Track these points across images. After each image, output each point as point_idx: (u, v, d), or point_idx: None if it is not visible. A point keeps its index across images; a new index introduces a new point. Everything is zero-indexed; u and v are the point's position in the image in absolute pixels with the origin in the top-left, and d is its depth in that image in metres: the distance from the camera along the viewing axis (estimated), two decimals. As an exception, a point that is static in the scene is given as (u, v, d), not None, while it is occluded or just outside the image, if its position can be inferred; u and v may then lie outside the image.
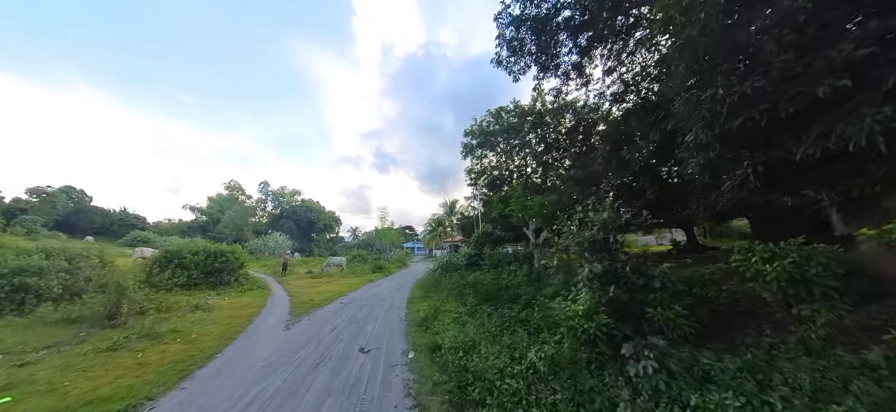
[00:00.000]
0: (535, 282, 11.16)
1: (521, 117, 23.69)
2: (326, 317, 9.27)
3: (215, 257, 16.57)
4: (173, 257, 15.01)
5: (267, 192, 65.50)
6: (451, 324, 7.95)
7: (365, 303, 11.68)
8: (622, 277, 6.59)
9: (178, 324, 8.44)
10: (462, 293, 11.27)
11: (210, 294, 14.15)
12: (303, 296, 13.28)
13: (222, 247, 17.74)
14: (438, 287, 15.03)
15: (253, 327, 8.26)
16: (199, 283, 15.38)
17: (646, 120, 11.54)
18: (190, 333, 7.59)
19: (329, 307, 10.93)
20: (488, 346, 6.06)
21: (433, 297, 12.34)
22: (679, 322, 5.46)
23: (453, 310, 9.42)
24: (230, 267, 16.92)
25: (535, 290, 9.69)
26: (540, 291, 9.64)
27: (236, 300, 12.66)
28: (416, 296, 13.08)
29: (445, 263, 19.79)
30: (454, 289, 12.97)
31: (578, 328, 5.33)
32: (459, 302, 10.40)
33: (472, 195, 35.77)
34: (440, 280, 17.15)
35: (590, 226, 7.52)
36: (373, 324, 8.37)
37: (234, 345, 6.73)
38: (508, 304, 8.79)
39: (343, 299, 12.65)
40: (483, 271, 16.07)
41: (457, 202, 57.53)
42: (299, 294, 14.04)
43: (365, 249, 39.10)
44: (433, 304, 10.56)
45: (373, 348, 6.37)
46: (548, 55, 14.70)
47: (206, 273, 16.03)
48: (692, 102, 6.30)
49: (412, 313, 9.74)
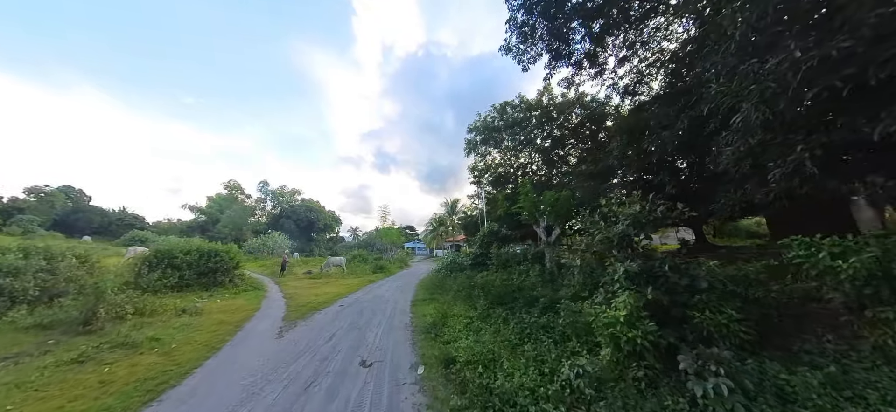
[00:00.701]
0: (550, 283, 10.35)
1: (527, 111, 22.88)
2: (324, 323, 8.44)
3: (209, 257, 15.75)
4: (164, 257, 14.19)
5: (266, 191, 64.76)
6: (463, 331, 7.12)
7: (366, 306, 10.85)
8: (660, 277, 5.79)
9: (160, 330, 7.62)
10: (471, 295, 10.45)
11: (202, 296, 13.33)
12: (300, 299, 12.46)
13: (217, 246, 16.92)
14: (443, 288, 14.21)
15: (242, 334, 7.43)
16: (192, 285, 14.57)
17: (671, 107, 10.70)
18: (170, 342, 6.76)
19: (327, 310, 10.11)
20: (511, 359, 5.22)
21: (439, 299, 11.51)
22: (734, 328, 4.66)
23: (463, 314, 8.60)
24: (224, 267, 16.10)
25: (552, 292, 8.87)
26: (557, 293, 8.85)
27: (229, 303, 11.84)
28: (420, 297, 12.25)
29: (449, 263, 18.96)
30: (461, 290, 12.16)
31: (621, 337, 4.50)
32: (469, 305, 9.57)
33: (476, 193, 35.04)
34: (445, 280, 16.34)
35: (618, 221, 6.73)
36: (375, 331, 7.54)
37: (218, 357, 5.90)
38: (525, 308, 7.97)
39: (343, 301, 11.82)
40: (490, 271, 15.24)
41: (458, 201, 56.77)
42: (296, 296, 13.22)
43: (365, 249, 38.28)
44: (440, 308, 9.74)
45: (375, 361, 5.53)
46: (560, 42, 13.88)
47: (200, 274, 15.22)
48: (747, 75, 5.44)
49: (418, 317, 8.91)
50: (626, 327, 4.61)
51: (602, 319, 5.03)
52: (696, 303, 5.19)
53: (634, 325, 4.59)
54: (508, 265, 14.61)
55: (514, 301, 8.62)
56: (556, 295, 8.32)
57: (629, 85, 15.47)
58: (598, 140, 20.86)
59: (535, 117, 23.25)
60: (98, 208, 56.76)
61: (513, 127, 24.67)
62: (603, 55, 14.90)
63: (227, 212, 56.59)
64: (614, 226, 6.78)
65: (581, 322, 6.09)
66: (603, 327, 4.96)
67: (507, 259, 14.99)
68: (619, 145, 13.25)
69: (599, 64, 14.82)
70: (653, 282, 5.52)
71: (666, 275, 5.71)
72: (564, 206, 13.43)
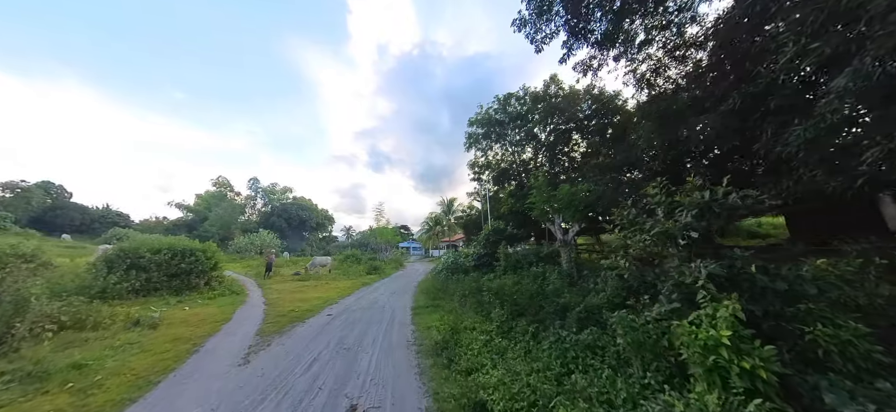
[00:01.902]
0: (570, 288, 8.86)
1: (534, 102, 21.38)
2: (306, 340, 6.80)
3: (182, 257, 14.01)
4: (126, 256, 12.42)
5: (257, 188, 62.65)
6: (484, 352, 5.55)
7: (359, 315, 9.23)
8: (745, 280, 4.26)
9: (93, 351, 5.94)
10: (481, 303, 8.89)
11: (169, 302, 11.62)
12: (282, 305, 10.79)
13: (192, 244, 15.16)
14: (446, 292, 12.65)
15: (196, 359, 5.77)
16: (161, 288, 12.85)
17: (718, 85, 9.25)
18: (96, 371, 5.10)
19: (312, 322, 8.46)
20: (567, 404, 3.66)
21: (443, 306, 9.94)
22: (864, 348, 3.25)
23: (478, 327, 7.03)
24: (200, 268, 14.37)
25: (580, 298, 7.36)
26: (586, 299, 7.34)
27: (198, 311, 10.14)
28: (421, 304, 10.65)
29: (450, 264, 17.38)
30: (468, 295, 10.61)
31: (730, 368, 3.04)
32: (482, 315, 8.01)
33: (475, 191, 33.46)
34: (446, 284, 14.79)
35: (680, 212, 5.25)
36: (369, 353, 5.93)
37: (148, 400, 4.25)
38: (557, 320, 6.44)
39: (332, 309, 10.18)
40: (499, 274, 13.71)
41: (455, 200, 55.32)
42: (279, 302, 11.54)
43: (359, 249, 36.58)
44: (447, 318, 8.16)
45: (370, 408, 3.92)
46: (579, 17, 12.38)
47: (170, 276, 13.49)
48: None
49: (422, 331, 7.32)
50: (734, 354, 3.16)
51: (695, 342, 3.52)
52: (797, 315, 3.78)
53: (743, 351, 3.15)
54: (519, 267, 13.08)
55: (538, 311, 7.06)
56: (589, 302, 6.79)
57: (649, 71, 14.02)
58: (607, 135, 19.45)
59: (540, 109, 21.75)
60: (79, 205, 54.26)
61: (517, 120, 23.15)
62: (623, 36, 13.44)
63: (216, 210, 54.42)
64: (674, 218, 5.33)
65: (647, 342, 4.57)
66: (698, 354, 3.46)
67: (518, 260, 13.45)
68: (644, 133, 11.76)
69: (621, 44, 13.33)
70: (736, 288, 4.11)
71: (752, 279, 4.20)
72: (583, 202, 11.96)
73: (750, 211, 5.14)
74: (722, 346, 3.27)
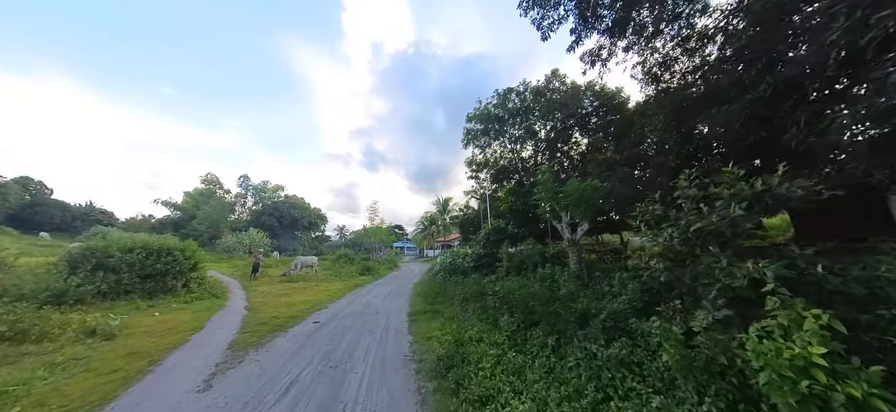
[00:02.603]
0: (583, 289, 8.04)
1: (536, 96, 20.56)
2: (286, 354, 5.82)
3: (158, 256, 12.89)
4: (93, 255, 11.28)
5: (247, 186, 61.07)
6: (497, 371, 4.63)
7: (349, 322, 8.25)
8: (810, 283, 3.64)
9: (25, 371, 4.91)
10: (486, 308, 7.99)
11: (140, 306, 10.54)
12: (265, 311, 9.78)
13: (169, 242, 14.04)
14: (445, 295, 11.73)
15: (149, 381, 4.76)
16: (132, 291, 11.72)
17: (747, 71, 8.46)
18: (17, 399, 4.08)
19: (295, 331, 7.46)
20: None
21: (443, 312, 9.01)
22: None
23: (486, 338, 6.11)
24: (178, 269, 13.26)
25: (597, 303, 6.51)
26: (604, 304, 6.51)
27: (169, 317, 9.08)
28: (418, 309, 9.69)
29: (448, 265, 16.45)
30: (469, 299, 9.73)
31: (832, 397, 2.19)
32: (488, 323, 7.09)
33: (472, 189, 32.52)
34: (444, 286, 13.90)
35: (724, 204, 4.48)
36: (360, 371, 4.97)
37: (68, 442, 3.27)
38: (579, 330, 5.56)
39: (320, 315, 9.19)
40: (501, 276, 12.82)
41: (450, 200, 54.36)
42: (261, 306, 10.51)
43: (352, 249, 35.47)
44: (448, 326, 7.24)
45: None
46: (589, 2, 11.56)
47: (144, 277, 12.37)
48: None
49: (421, 342, 6.38)
50: (831, 377, 2.34)
51: (777, 362, 2.68)
52: (875, 323, 3.19)
53: (838, 372, 2.34)
54: (523, 268, 12.21)
55: (555, 319, 6.16)
56: (612, 308, 5.94)
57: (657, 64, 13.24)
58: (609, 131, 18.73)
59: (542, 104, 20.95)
60: (59, 202, 52.29)
61: (516, 115, 22.30)
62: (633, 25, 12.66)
63: (204, 208, 52.80)
64: (715, 211, 4.57)
65: (699, 359, 3.72)
66: (784, 378, 2.62)
67: (522, 260, 12.57)
68: (661, 125, 10.94)
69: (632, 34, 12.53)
70: (797, 292, 3.27)
71: (819, 281, 3.59)
72: (592, 198, 11.13)
73: (802, 202, 4.32)
74: (815, 367, 2.44)
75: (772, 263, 3.54)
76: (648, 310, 5.47)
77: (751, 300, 3.73)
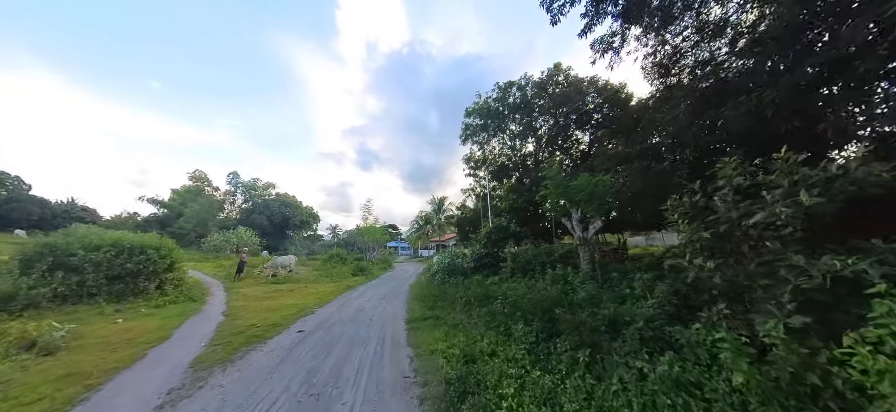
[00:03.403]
0: (598, 292, 7.16)
1: (541, 88, 19.68)
2: (260, 375, 4.78)
3: (129, 255, 11.71)
4: (51, 253, 10.07)
5: (236, 183, 59.41)
6: (523, 398, 3.66)
7: (339, 331, 7.22)
8: None
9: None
10: (494, 314, 7.04)
11: (105, 311, 9.41)
12: (244, 316, 8.69)
13: (144, 239, 12.85)
14: (445, 299, 10.74)
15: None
16: (98, 293, 10.56)
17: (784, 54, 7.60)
18: None
19: (276, 343, 6.41)
20: None
21: (445, 319, 8.00)
22: None
23: (501, 351, 5.14)
24: (152, 269, 12.09)
25: (621, 307, 5.64)
26: (627, 307, 5.68)
27: (133, 325, 7.96)
28: (416, 315, 8.67)
29: (447, 266, 15.46)
30: (473, 304, 8.78)
31: None
32: (499, 332, 6.12)
33: (470, 187, 31.55)
34: (443, 288, 12.92)
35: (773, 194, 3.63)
36: (349, 402, 3.95)
37: None
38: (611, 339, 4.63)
39: (306, 322, 8.14)
40: (505, 277, 11.87)
41: (445, 199, 53.43)
42: (241, 311, 9.43)
43: (345, 249, 34.29)
44: (454, 336, 6.26)
45: None
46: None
47: (112, 278, 11.19)
48: None
49: (424, 359, 5.37)
50: None
51: None
52: None
53: None
54: (530, 269, 11.27)
55: (581, 328, 5.20)
56: (644, 314, 5.05)
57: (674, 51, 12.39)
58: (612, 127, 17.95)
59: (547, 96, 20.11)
60: (38, 198, 50.19)
61: (517, 110, 21.42)
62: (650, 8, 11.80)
63: (192, 206, 51.08)
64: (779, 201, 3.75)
65: (782, 379, 2.83)
66: None
67: (529, 260, 11.62)
68: (679, 116, 10.07)
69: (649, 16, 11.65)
70: None
71: None
72: (605, 193, 10.26)
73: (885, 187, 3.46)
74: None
75: (865, 260, 2.74)
76: (680, 316, 4.92)
77: (826, 304, 2.92)
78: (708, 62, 11.06)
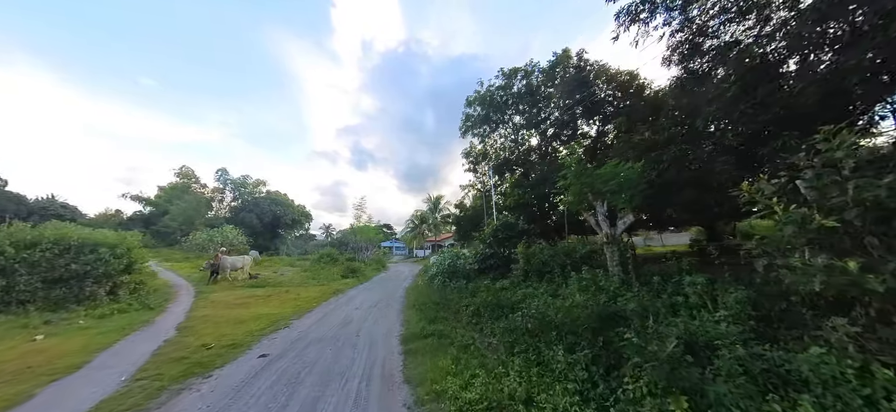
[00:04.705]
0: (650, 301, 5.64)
1: (552, 68, 18.11)
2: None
3: (75, 254, 9.94)
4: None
5: (225, 180, 57.27)
6: None
7: (314, 355, 5.54)
8: None
9: None
10: (515, 331, 5.43)
11: (31, 323, 7.65)
12: (202, 331, 6.98)
13: (97, 236, 11.08)
14: (447, 308, 9.13)
15: None
16: (30, 300, 8.83)
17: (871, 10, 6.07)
18: None
19: (224, 375, 4.72)
20: None
21: (451, 336, 6.33)
22: None
23: (541, 398, 3.50)
24: (104, 270, 10.31)
25: (686, 321, 4.06)
26: (692, 320, 4.12)
27: (50, 345, 6.22)
28: (414, 330, 6.96)
29: (447, 268, 13.81)
30: (484, 315, 7.21)
31: None
32: (530, 359, 4.49)
33: (470, 183, 29.88)
34: (444, 293, 11.32)
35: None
36: None
37: None
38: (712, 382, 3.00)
39: (274, 341, 6.44)
40: (517, 281, 10.26)
41: (442, 198, 51.75)
42: (200, 325, 7.71)
43: (337, 249, 32.52)
44: (465, 363, 4.63)
45: None
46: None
47: (53, 281, 9.44)
48: None
49: (431, 406, 3.72)
50: None
51: None
52: None
53: None
54: (547, 271, 9.65)
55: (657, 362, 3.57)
56: (735, 335, 3.51)
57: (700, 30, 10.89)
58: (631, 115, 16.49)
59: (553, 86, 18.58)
60: (14, 194, 47.68)
61: (522, 99, 19.84)
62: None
63: (178, 203, 48.90)
64: None
65: None
66: None
67: (545, 261, 9.99)
68: (730, 93, 8.51)
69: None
70: None
71: None
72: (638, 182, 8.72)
73: None
74: None
75: None
76: (761, 332, 3.88)
77: None
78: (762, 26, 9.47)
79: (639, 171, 8.64)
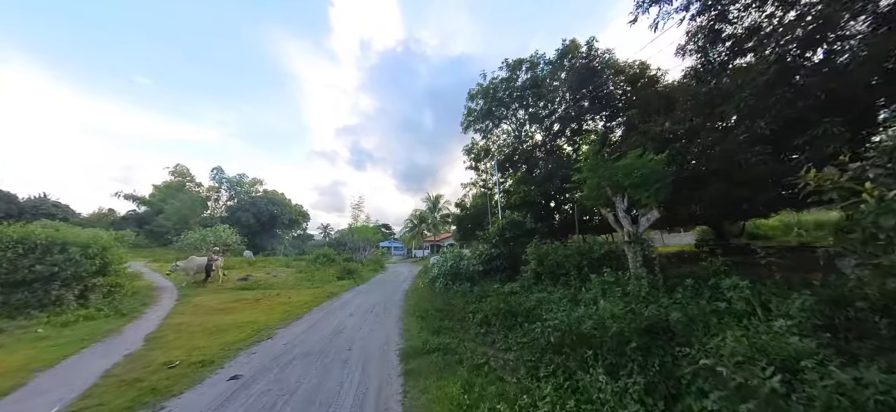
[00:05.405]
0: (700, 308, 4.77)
1: (561, 57, 17.21)
2: None
3: (41, 254, 9.02)
4: None
5: (221, 179, 56.26)
6: None
7: (296, 376, 4.63)
8: None
9: None
10: (540, 349, 4.53)
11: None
12: (172, 343, 6.07)
13: (68, 234, 10.15)
14: (451, 315, 8.24)
15: None
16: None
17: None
18: None
19: (181, 407, 3.81)
20: None
21: (458, 351, 5.42)
22: None
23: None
24: (74, 272, 9.38)
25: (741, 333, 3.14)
26: (746, 332, 3.15)
27: None
28: (415, 343, 6.03)
29: (449, 270, 12.89)
30: (494, 323, 6.34)
31: None
32: (562, 385, 3.60)
33: (472, 181, 28.95)
34: (447, 297, 10.45)
35: None
36: None
37: None
38: None
39: (252, 356, 5.53)
40: (529, 285, 9.34)
41: (441, 197, 50.83)
42: (173, 334, 6.79)
43: (334, 249, 31.60)
44: (480, 392, 3.73)
45: None
46: None
47: (14, 284, 8.51)
48: None
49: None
50: None
51: None
52: None
53: None
54: (564, 273, 8.74)
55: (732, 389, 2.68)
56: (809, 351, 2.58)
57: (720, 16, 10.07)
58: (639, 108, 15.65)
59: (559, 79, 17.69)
60: (4, 193, 46.62)
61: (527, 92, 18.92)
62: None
63: (173, 202, 47.91)
64: None
65: None
66: None
67: (559, 262, 9.08)
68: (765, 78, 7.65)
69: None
70: None
71: None
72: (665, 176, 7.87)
73: None
74: None
75: None
76: (840, 347, 3.15)
77: None
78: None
79: (663, 163, 7.80)
